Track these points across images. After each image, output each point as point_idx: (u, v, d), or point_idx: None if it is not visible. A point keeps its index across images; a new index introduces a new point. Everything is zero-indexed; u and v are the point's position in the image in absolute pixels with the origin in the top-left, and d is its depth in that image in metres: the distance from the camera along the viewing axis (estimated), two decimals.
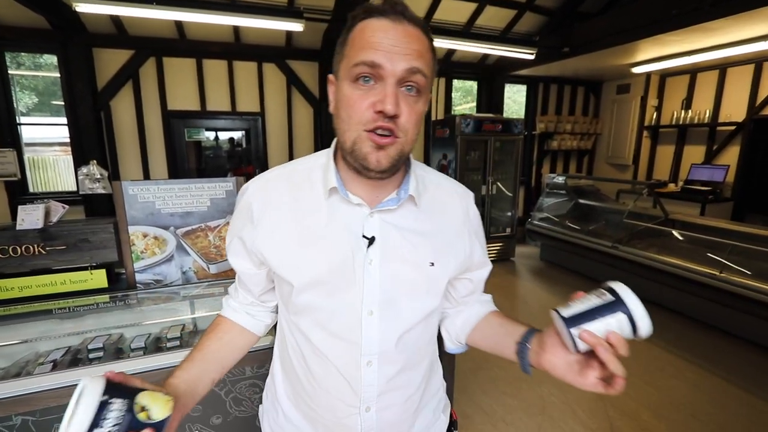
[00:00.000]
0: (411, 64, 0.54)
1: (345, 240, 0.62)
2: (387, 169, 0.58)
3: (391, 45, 0.53)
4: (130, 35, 3.76)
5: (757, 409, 2.12)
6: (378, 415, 0.65)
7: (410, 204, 0.66)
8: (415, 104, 0.57)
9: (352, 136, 0.57)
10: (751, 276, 2.69)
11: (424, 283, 0.66)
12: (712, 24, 3.16)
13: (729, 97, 4.77)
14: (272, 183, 0.67)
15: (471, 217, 0.73)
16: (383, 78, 0.54)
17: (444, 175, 0.77)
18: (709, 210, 4.47)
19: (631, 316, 0.50)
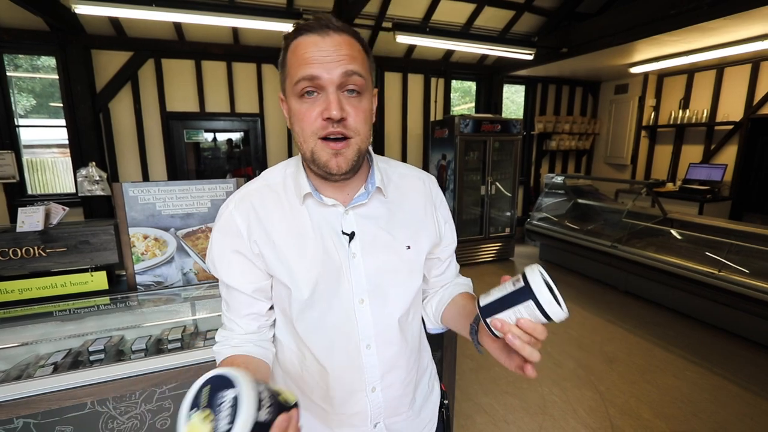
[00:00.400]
0: (345, 68, 0.58)
1: (328, 239, 0.67)
2: (348, 170, 0.64)
3: (323, 56, 0.58)
4: (129, 37, 3.75)
5: (758, 407, 2.13)
6: (383, 394, 0.71)
7: (379, 195, 0.71)
8: (359, 104, 0.61)
9: (310, 146, 0.62)
10: (750, 275, 2.70)
11: (404, 266, 0.71)
12: (710, 24, 3.17)
13: (726, 96, 4.79)
14: (251, 197, 0.69)
15: (434, 197, 0.78)
16: (324, 87, 0.59)
17: (405, 164, 0.82)
18: (707, 209, 4.48)
19: (538, 302, 0.50)
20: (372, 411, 0.71)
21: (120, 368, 1.21)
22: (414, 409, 0.78)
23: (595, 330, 3.01)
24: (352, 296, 0.67)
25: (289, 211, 0.68)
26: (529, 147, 5.89)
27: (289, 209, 0.68)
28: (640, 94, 5.50)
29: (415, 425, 0.79)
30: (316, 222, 0.67)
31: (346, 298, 0.67)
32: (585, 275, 4.22)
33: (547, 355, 2.65)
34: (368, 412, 0.71)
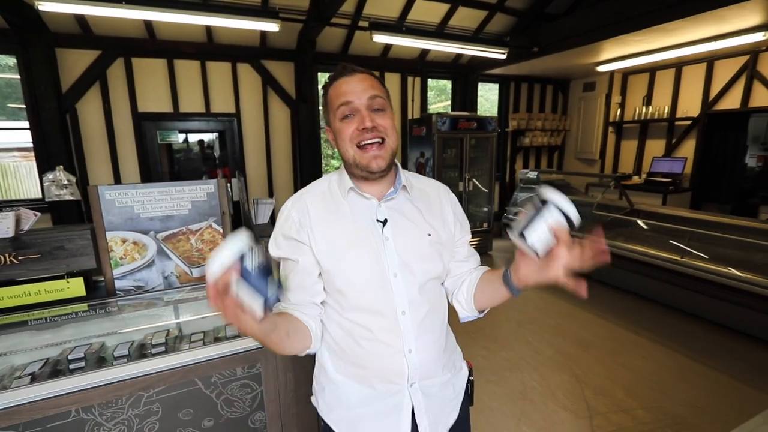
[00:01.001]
0: (369, 92, 0.81)
1: (366, 225, 0.85)
2: (386, 168, 0.83)
3: (352, 88, 0.81)
4: (96, 35, 3.60)
5: (719, 382, 2.30)
6: (419, 356, 0.84)
7: (404, 192, 0.91)
8: (384, 116, 0.83)
9: (351, 153, 0.83)
10: (709, 260, 2.90)
11: (427, 249, 0.88)
12: (669, 25, 3.37)
13: (685, 93, 5.09)
14: (305, 197, 0.89)
15: (450, 202, 0.98)
16: (358, 110, 0.81)
17: (422, 175, 1.02)
18: (669, 200, 4.75)
19: (561, 210, 0.60)
20: (410, 371, 0.83)
21: (106, 373, 1.19)
22: (445, 375, 0.91)
23: (570, 317, 3.15)
24: (388, 271, 0.83)
25: (335, 207, 0.87)
26: (504, 144, 6.05)
27: (335, 205, 0.87)
28: (607, 91, 5.75)
29: (447, 393, 0.92)
30: (356, 213, 0.86)
31: (384, 273, 0.83)
32: None
33: (526, 344, 2.76)
34: (405, 371, 0.83)
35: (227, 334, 1.47)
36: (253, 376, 1.37)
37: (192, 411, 1.31)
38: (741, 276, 2.63)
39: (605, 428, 1.95)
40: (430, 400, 0.87)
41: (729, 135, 5.05)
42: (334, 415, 0.90)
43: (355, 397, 0.87)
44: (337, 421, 0.90)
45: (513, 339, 2.83)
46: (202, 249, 1.87)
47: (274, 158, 4.65)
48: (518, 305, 3.43)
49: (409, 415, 0.85)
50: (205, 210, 1.83)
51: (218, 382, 1.33)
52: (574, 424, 1.98)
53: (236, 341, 1.33)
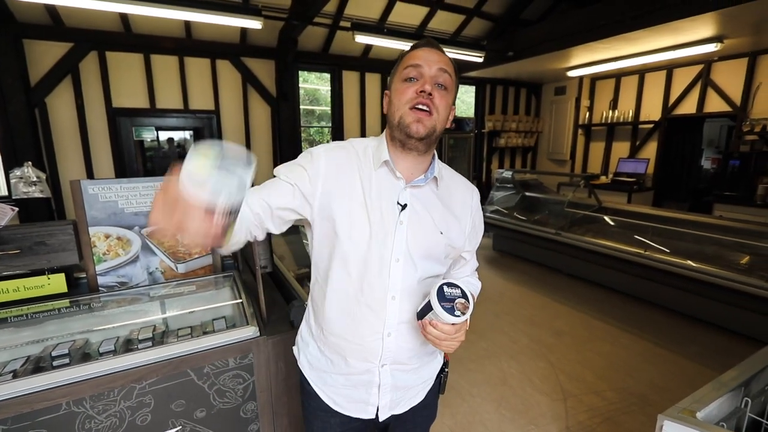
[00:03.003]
0: (440, 65, 0.79)
1: (386, 204, 0.83)
2: (423, 136, 0.80)
3: (426, 56, 0.80)
4: (68, 27, 3.47)
5: (678, 364, 2.50)
6: (395, 341, 0.85)
7: (432, 184, 0.88)
8: (444, 94, 0.81)
9: (400, 113, 0.80)
10: (670, 253, 3.13)
11: (435, 247, 0.87)
12: (632, 34, 3.61)
13: (647, 98, 5.42)
14: (336, 151, 0.86)
15: (473, 205, 0.96)
16: (423, 75, 0.79)
17: (457, 173, 1.00)
18: (634, 198, 5.05)
19: (437, 314, 0.73)
20: (384, 353, 0.85)
21: (97, 366, 1.18)
22: (415, 364, 0.92)
23: (543, 309, 3.31)
24: (392, 254, 0.82)
25: (363, 174, 0.84)
26: (480, 144, 6.24)
27: (362, 171, 0.84)
28: (577, 95, 6.04)
29: (414, 378, 0.94)
30: (382, 188, 0.83)
31: (387, 254, 0.82)
32: (533, 261, 4.58)
33: (504, 334, 2.89)
34: (380, 351, 0.85)
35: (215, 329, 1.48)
36: (245, 367, 1.40)
37: (184, 402, 1.32)
38: (697, 267, 2.86)
39: (578, 409, 2.08)
40: (396, 382, 0.90)
41: (687, 138, 5.42)
42: (311, 373, 0.95)
43: (330, 366, 0.91)
44: (314, 379, 0.95)
45: (491, 329, 2.95)
46: (188, 244, 1.87)
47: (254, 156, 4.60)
48: (495, 298, 3.57)
49: (377, 390, 0.89)
50: None
51: (210, 372, 1.35)
52: (549, 406, 2.11)
53: (228, 332, 1.35)
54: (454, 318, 0.71)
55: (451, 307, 0.73)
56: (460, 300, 0.74)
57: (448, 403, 2.13)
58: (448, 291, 0.74)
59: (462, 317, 0.72)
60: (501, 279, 4.10)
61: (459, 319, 0.72)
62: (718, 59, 4.59)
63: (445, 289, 0.74)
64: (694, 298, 3.05)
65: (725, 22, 3.26)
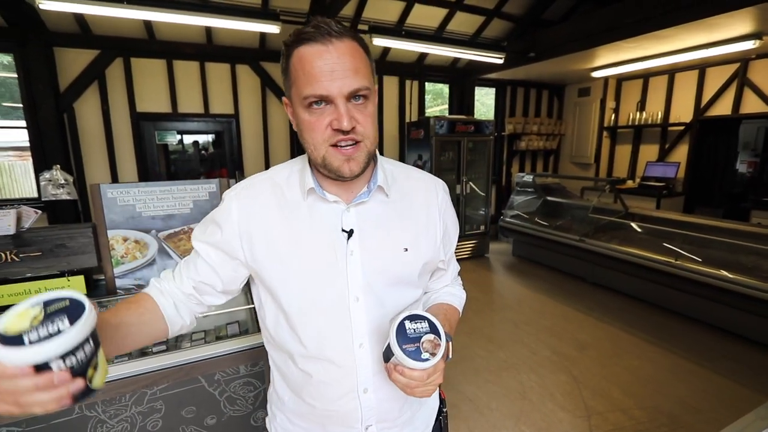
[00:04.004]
0: (353, 85, 0.59)
1: (326, 235, 0.68)
2: (359, 173, 0.65)
3: (329, 70, 0.58)
4: (95, 35, 3.60)
5: (712, 381, 2.34)
6: (375, 396, 0.70)
7: (380, 194, 0.72)
8: (365, 110, 0.63)
9: (321, 153, 0.64)
10: (702, 262, 2.95)
11: (399, 269, 0.71)
12: (661, 32, 3.44)
13: (678, 99, 5.18)
14: (249, 190, 0.71)
15: (440, 201, 0.78)
16: (333, 100, 0.60)
17: (413, 167, 0.82)
18: (663, 204, 4.83)
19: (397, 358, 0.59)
20: (364, 412, 0.70)
21: (111, 370, 1.19)
22: (406, 414, 0.76)
23: (566, 319, 3.18)
24: (348, 294, 0.67)
25: (290, 207, 0.69)
26: (500, 147, 6.11)
27: (290, 205, 0.69)
28: (602, 96, 5.83)
29: (408, 431, 0.78)
30: (316, 219, 0.68)
31: (342, 295, 0.67)
32: (556, 268, 4.44)
33: (523, 345, 2.78)
34: (360, 413, 0.70)
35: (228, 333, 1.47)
36: (256, 374, 1.38)
37: (195, 409, 1.31)
38: (733, 278, 2.68)
39: (603, 428, 1.97)
40: None
41: (720, 140, 5.15)
42: None
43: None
44: None
45: (510, 340, 2.85)
46: None
47: (272, 159, 4.65)
48: (514, 306, 3.46)
49: None
50: (206, 209, 1.84)
51: (221, 379, 1.33)
52: (572, 423, 2.00)
53: (239, 339, 1.34)
54: (422, 363, 0.56)
55: (416, 348, 0.57)
56: (428, 337, 0.59)
57: (465, 417, 2.06)
58: (410, 328, 0.59)
59: (431, 360, 0.57)
60: (520, 286, 3.98)
61: (427, 364, 0.56)
62: (756, 57, 4.34)
63: (407, 326, 0.59)
64: (730, 310, 2.86)
65: (764, 17, 3.06)
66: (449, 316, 0.79)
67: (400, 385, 0.60)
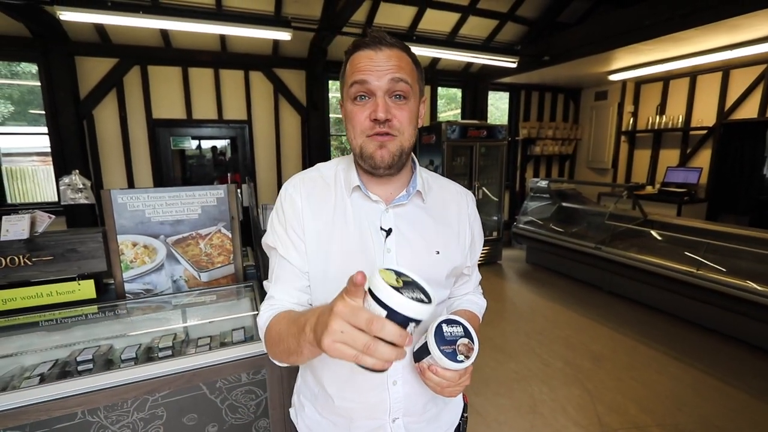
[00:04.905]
0: (392, 75, 0.67)
1: (367, 232, 0.73)
2: (390, 163, 0.70)
3: (374, 66, 0.67)
4: (114, 44, 3.71)
5: (736, 398, 2.21)
6: (403, 389, 0.75)
7: (418, 199, 0.78)
8: (404, 106, 0.69)
9: (359, 142, 0.71)
10: (726, 273, 2.82)
11: (431, 270, 0.76)
12: (682, 34, 3.33)
13: (700, 102, 5.01)
14: (308, 182, 0.78)
15: (470, 211, 0.85)
16: (373, 92, 0.68)
17: (444, 177, 0.89)
18: (684, 211, 4.65)
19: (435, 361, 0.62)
20: (392, 404, 0.74)
21: (112, 376, 1.19)
22: (432, 411, 0.80)
23: (581, 329, 3.08)
24: None
25: (336, 202, 0.75)
26: (514, 152, 6.02)
27: (336, 200, 0.75)
28: (619, 100, 5.69)
29: (433, 428, 0.81)
30: (358, 215, 0.74)
31: None
32: (570, 276, 4.32)
33: (535, 356, 2.70)
34: (388, 404, 0.74)
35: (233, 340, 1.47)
36: (257, 383, 1.37)
37: (196, 416, 1.31)
38: (760, 290, 2.54)
39: None
40: None
41: (746, 145, 4.94)
42: None
43: (333, 430, 0.79)
44: None
45: (522, 350, 2.77)
46: (211, 253, 1.89)
47: (284, 165, 4.69)
48: (527, 315, 3.37)
49: None
50: (214, 215, 1.85)
51: (223, 387, 1.32)
52: None
53: (241, 346, 1.33)
54: (457, 364, 0.61)
55: (452, 350, 0.61)
56: (462, 341, 0.63)
57: (472, 430, 2.00)
58: (447, 331, 0.63)
59: (466, 362, 0.61)
60: (534, 294, 3.88)
61: (462, 365, 0.61)
62: None
63: (444, 329, 0.63)
64: (758, 324, 2.72)
65: None
66: (472, 323, 0.83)
67: (431, 384, 0.64)
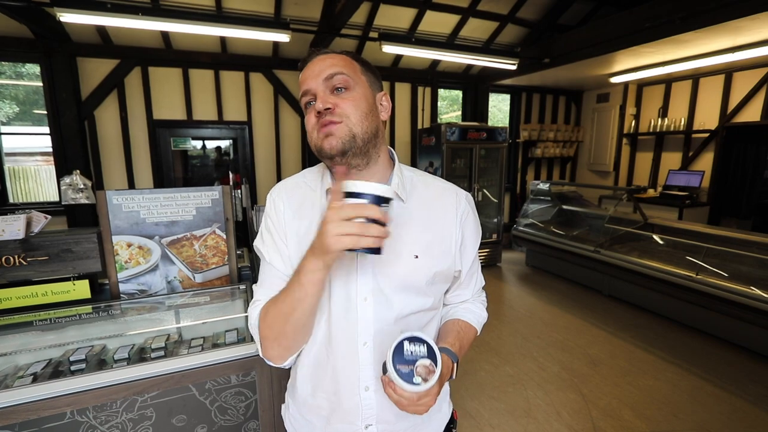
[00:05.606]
0: (327, 71, 0.69)
1: None
2: (342, 149, 0.68)
3: (310, 73, 0.71)
4: (116, 45, 3.74)
5: (734, 405, 2.19)
6: (376, 396, 0.72)
7: (396, 199, 0.74)
8: (346, 96, 0.69)
9: (312, 139, 0.71)
10: (727, 277, 2.79)
11: (409, 275, 0.72)
12: (683, 36, 3.31)
13: (702, 105, 4.97)
14: (290, 187, 0.79)
15: (461, 212, 0.79)
16: (314, 94, 0.70)
17: (435, 176, 0.85)
18: (686, 214, 4.62)
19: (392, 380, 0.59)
20: (363, 411, 0.72)
21: (100, 377, 1.20)
22: (407, 422, 0.76)
23: (578, 333, 3.06)
24: (357, 293, 0.70)
25: (315, 205, 0.74)
26: (515, 154, 6.00)
27: (315, 203, 0.75)
28: (621, 102, 5.66)
29: None
30: None
31: (351, 294, 0.70)
32: (570, 279, 4.29)
33: (532, 359, 2.69)
34: (360, 410, 0.72)
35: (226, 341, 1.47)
36: (247, 384, 1.37)
37: (185, 417, 1.31)
38: (763, 296, 2.52)
39: None
40: None
41: (749, 148, 4.90)
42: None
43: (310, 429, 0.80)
44: None
45: (518, 353, 2.76)
46: (206, 255, 1.90)
47: (283, 166, 4.70)
48: (524, 318, 3.36)
49: None
50: (209, 216, 1.86)
51: (212, 389, 1.33)
52: None
53: (230, 348, 1.33)
54: (412, 386, 0.57)
55: (409, 371, 0.58)
56: (423, 362, 0.59)
57: None
58: (408, 349, 0.60)
59: (421, 386, 0.57)
60: (532, 297, 3.86)
61: (416, 388, 0.57)
62: None
63: (405, 347, 0.60)
64: (758, 330, 2.69)
65: None
66: (463, 334, 0.80)
67: (392, 400, 0.62)
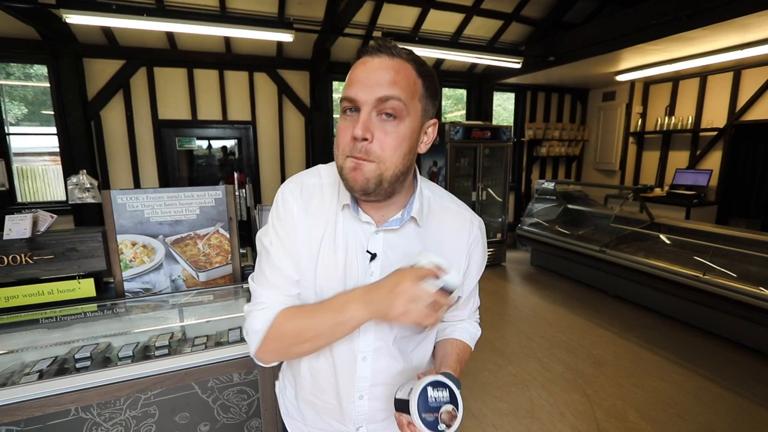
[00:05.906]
0: (381, 93, 0.59)
1: (352, 252, 0.70)
2: (365, 189, 0.63)
3: (365, 77, 0.60)
4: (121, 46, 3.78)
5: (741, 407, 2.17)
6: (369, 403, 0.75)
7: (413, 224, 0.72)
8: (393, 129, 0.61)
9: (340, 162, 0.64)
10: (735, 278, 2.75)
11: None
12: (690, 34, 3.27)
13: (710, 103, 4.91)
14: (306, 191, 0.73)
15: (471, 239, 0.77)
16: (360, 108, 0.61)
17: (455, 198, 0.82)
18: (693, 214, 4.56)
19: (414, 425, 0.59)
20: (355, 416, 0.76)
21: (105, 374, 1.21)
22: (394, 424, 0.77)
23: (583, 333, 3.04)
24: None
25: (329, 217, 0.71)
26: (519, 153, 5.97)
27: (329, 214, 0.71)
28: (627, 101, 5.60)
29: None
30: (345, 234, 0.70)
31: None
32: (575, 279, 4.26)
33: (536, 359, 2.67)
34: (352, 415, 0.75)
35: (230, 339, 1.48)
36: (249, 383, 1.37)
37: (188, 415, 1.32)
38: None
39: None
40: None
41: (758, 147, 4.83)
42: (290, 422, 0.87)
43: (302, 418, 0.83)
44: (291, 425, 0.87)
45: (522, 354, 2.75)
46: (209, 254, 1.91)
47: (287, 165, 4.72)
48: (528, 318, 3.34)
49: None
50: (213, 215, 1.87)
51: (215, 386, 1.34)
52: None
53: (233, 346, 1.34)
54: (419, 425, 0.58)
55: (434, 419, 0.58)
56: (446, 408, 0.60)
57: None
58: (432, 396, 0.59)
59: None
60: (537, 297, 3.84)
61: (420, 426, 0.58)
62: None
63: (430, 393, 0.59)
64: (764, 330, 2.65)
65: None
66: (462, 356, 0.82)
67: None
